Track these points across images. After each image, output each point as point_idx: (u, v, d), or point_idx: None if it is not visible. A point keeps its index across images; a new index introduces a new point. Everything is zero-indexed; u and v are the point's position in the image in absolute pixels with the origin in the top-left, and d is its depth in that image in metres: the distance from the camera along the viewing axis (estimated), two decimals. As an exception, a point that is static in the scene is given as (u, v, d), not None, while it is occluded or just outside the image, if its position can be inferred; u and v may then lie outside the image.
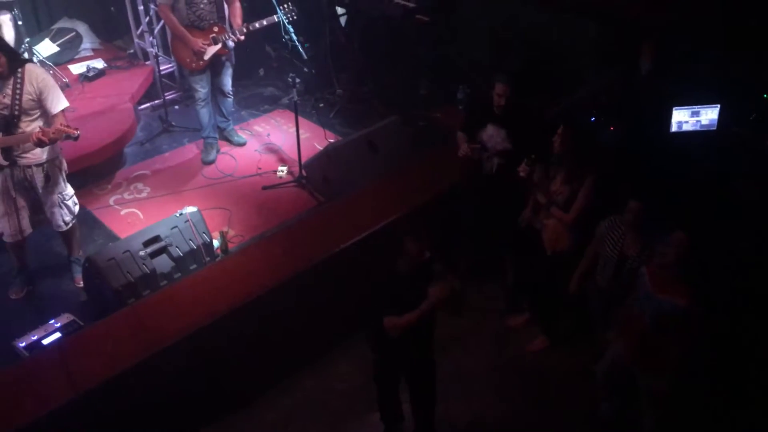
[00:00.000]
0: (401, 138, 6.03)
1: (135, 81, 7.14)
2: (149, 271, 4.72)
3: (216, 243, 5.22)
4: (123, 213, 5.88)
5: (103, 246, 5.30)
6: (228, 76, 6.40)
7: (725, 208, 4.64)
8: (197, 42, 5.93)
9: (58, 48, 7.27)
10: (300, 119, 6.06)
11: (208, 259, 5.05)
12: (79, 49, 7.52)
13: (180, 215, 5.00)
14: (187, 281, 4.63)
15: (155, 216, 5.53)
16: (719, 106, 4.95)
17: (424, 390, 4.09)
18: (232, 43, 6.09)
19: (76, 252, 5.16)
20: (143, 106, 7.32)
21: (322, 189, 5.94)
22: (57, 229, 4.91)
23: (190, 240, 4.95)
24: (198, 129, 6.62)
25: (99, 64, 7.26)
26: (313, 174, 6.02)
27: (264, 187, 6.11)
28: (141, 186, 6.21)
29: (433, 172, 5.49)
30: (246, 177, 6.30)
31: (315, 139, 6.78)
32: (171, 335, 4.07)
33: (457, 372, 4.76)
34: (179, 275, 4.88)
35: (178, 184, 6.22)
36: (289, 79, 5.86)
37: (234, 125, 6.88)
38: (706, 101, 4.96)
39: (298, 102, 5.96)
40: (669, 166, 4.83)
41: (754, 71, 5.10)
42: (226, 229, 5.49)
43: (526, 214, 4.86)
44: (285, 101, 7.46)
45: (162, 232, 4.88)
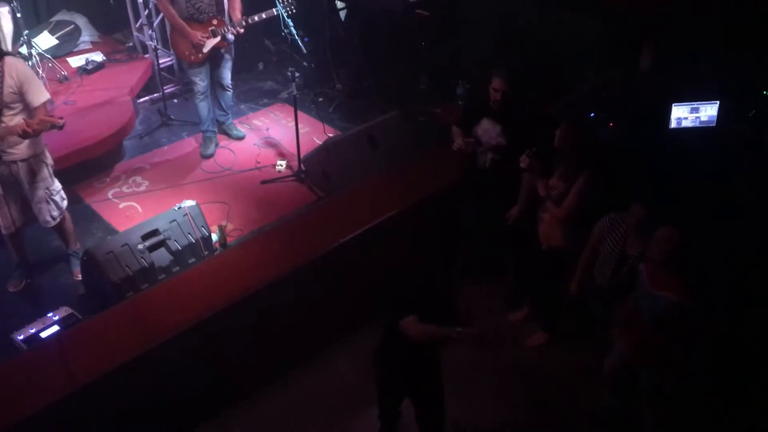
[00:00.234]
0: (401, 133, 6.02)
1: (134, 74, 7.12)
2: (148, 265, 4.72)
3: (214, 237, 5.22)
4: (121, 206, 5.87)
5: (102, 239, 5.30)
6: (227, 69, 6.39)
7: (725, 207, 4.63)
8: (196, 35, 5.92)
9: (56, 41, 7.24)
10: (299, 113, 6.05)
11: (206, 253, 5.05)
12: (78, 42, 7.50)
13: (179, 209, 5.00)
14: (186, 275, 4.62)
15: (154, 210, 5.52)
16: (718, 102, 4.95)
17: (430, 412, 3.94)
18: (231, 36, 6.07)
19: (73, 245, 5.15)
20: (142, 99, 7.31)
21: (321, 183, 5.94)
22: (44, 225, 4.86)
23: (188, 234, 4.95)
24: (197, 123, 6.61)
25: (98, 57, 7.24)
26: (312, 168, 6.02)
27: (263, 182, 6.11)
28: (140, 179, 6.20)
29: (433, 168, 5.49)
30: (245, 171, 6.29)
31: (314, 134, 6.78)
32: (170, 329, 4.06)
33: (455, 367, 4.76)
34: (178, 269, 4.88)
35: (176, 177, 6.21)
36: (289, 74, 5.85)
37: (233, 119, 6.87)
38: (705, 98, 4.96)
39: (297, 96, 5.95)
40: (668, 162, 4.84)
41: (753, 68, 5.10)
42: (224, 223, 5.49)
43: (513, 211, 4.87)
44: (284, 95, 7.45)
45: (160, 225, 4.88)
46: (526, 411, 4.53)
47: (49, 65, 6.83)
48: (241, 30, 6.00)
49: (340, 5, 7.53)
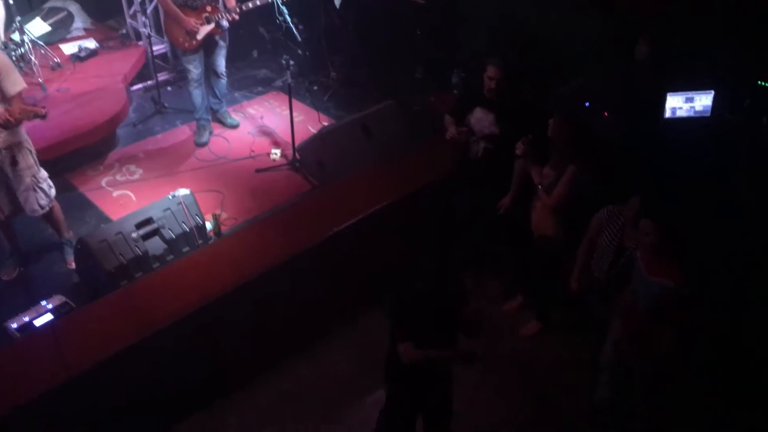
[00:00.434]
0: (396, 123, 6.00)
1: (127, 61, 7.07)
2: (141, 254, 4.71)
3: (209, 226, 5.21)
4: (115, 195, 5.85)
5: (95, 228, 5.28)
6: (222, 56, 6.35)
7: (724, 203, 4.61)
8: (190, 21, 5.88)
9: (49, 27, 7.17)
10: (294, 102, 6.02)
11: (200, 242, 5.04)
12: (71, 29, 7.43)
13: (173, 197, 4.98)
14: (180, 264, 4.62)
15: (147, 198, 5.50)
16: (713, 92, 4.94)
17: (437, 426, 3.87)
18: (226, 23, 6.03)
19: (65, 233, 5.13)
20: (135, 87, 7.26)
21: (315, 172, 5.92)
22: (32, 214, 4.81)
23: (182, 222, 4.94)
24: (191, 110, 6.58)
25: (91, 44, 7.18)
26: (307, 157, 6.00)
27: (257, 170, 6.09)
28: (133, 168, 6.17)
29: (428, 158, 5.48)
30: (239, 160, 6.27)
31: (309, 122, 6.76)
32: (164, 318, 4.06)
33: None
34: (172, 258, 4.88)
35: (170, 166, 6.19)
36: (283, 62, 5.82)
37: (227, 107, 6.84)
38: (700, 87, 4.96)
39: (291, 84, 5.93)
40: (663, 153, 4.83)
41: (748, 58, 5.09)
42: (218, 212, 5.48)
43: (505, 201, 4.87)
44: (278, 83, 7.42)
45: (154, 214, 4.86)
46: (520, 400, 4.54)
47: (42, 52, 6.77)
48: (236, 17, 5.96)
49: (335, -7, 7.49)
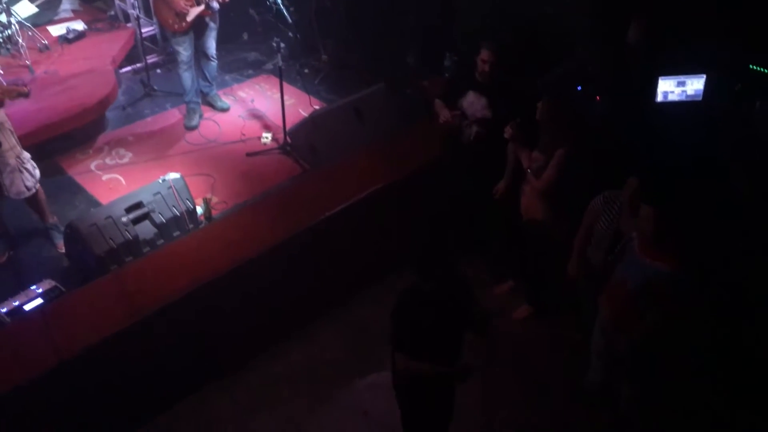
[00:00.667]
0: (387, 106, 5.98)
1: (116, 43, 7.00)
2: (132, 238, 4.69)
3: (199, 210, 5.19)
4: (104, 178, 5.81)
5: (85, 212, 5.24)
6: (212, 38, 6.29)
7: (716, 190, 4.60)
8: (180, 2, 5.81)
9: (36, 9, 7.07)
10: (284, 85, 5.98)
11: (191, 226, 5.02)
12: (59, 10, 7.35)
13: (163, 181, 4.96)
14: (171, 248, 4.60)
15: (137, 182, 5.46)
16: (705, 76, 4.94)
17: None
18: (216, 5, 5.96)
19: (48, 218, 5.08)
20: (124, 69, 7.20)
21: (307, 156, 5.90)
22: (18, 197, 4.76)
23: (173, 206, 4.92)
24: (180, 93, 6.52)
25: (79, 25, 7.10)
26: (298, 141, 5.97)
27: (248, 154, 6.06)
28: (123, 151, 6.13)
29: (420, 141, 5.46)
30: (230, 143, 6.23)
31: (300, 106, 6.72)
32: (154, 302, 4.05)
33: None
34: (162, 242, 4.86)
35: (160, 149, 6.14)
36: (274, 44, 5.78)
37: (217, 90, 6.79)
38: (692, 71, 4.95)
39: (282, 67, 5.88)
40: (655, 138, 4.83)
41: (740, 42, 5.09)
42: (209, 196, 5.45)
43: (500, 186, 4.86)
44: (269, 66, 7.36)
45: (144, 198, 4.84)
46: (511, 384, 4.56)
47: (29, 34, 6.69)
48: (227, -1, 5.91)
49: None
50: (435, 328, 3.30)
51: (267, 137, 6.25)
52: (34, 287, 4.46)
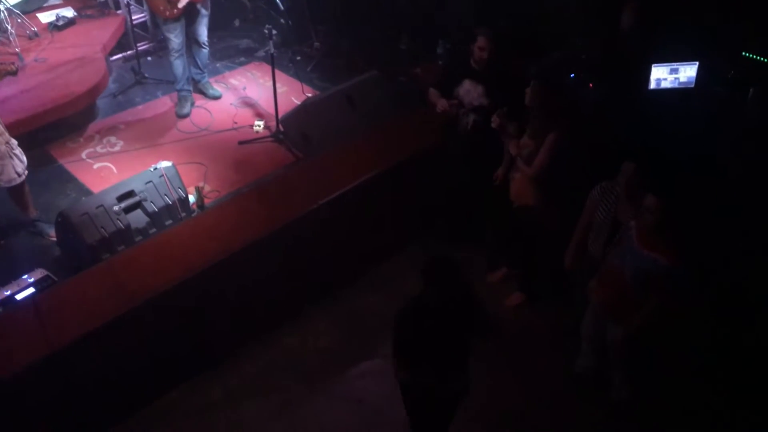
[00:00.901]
0: (380, 94, 5.96)
1: (106, 31, 6.93)
2: (124, 227, 4.67)
3: (192, 198, 5.17)
4: (96, 167, 5.77)
5: (76, 200, 5.21)
6: (203, 25, 6.24)
7: (711, 178, 4.60)
8: (171, -11, 5.77)
9: (25, -5, 7.02)
10: (277, 72, 5.95)
11: (183, 215, 5.00)
12: (48, -3, 7.28)
13: (154, 170, 4.94)
14: (163, 237, 4.58)
15: (129, 170, 5.43)
16: (698, 63, 4.94)
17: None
18: (207, -9, 5.92)
19: (32, 211, 5.02)
20: (115, 57, 7.14)
21: (299, 144, 5.87)
22: (9, 184, 4.70)
23: (165, 195, 4.89)
24: (172, 81, 6.48)
25: (69, 12, 7.03)
26: (291, 129, 5.94)
27: (240, 142, 6.03)
28: (114, 139, 6.09)
29: (413, 129, 5.44)
30: (222, 131, 6.20)
31: (292, 93, 6.68)
32: (147, 291, 4.04)
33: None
34: (154, 231, 4.84)
35: (152, 137, 6.10)
36: (266, 31, 5.72)
37: (209, 78, 6.74)
38: (685, 58, 4.95)
39: (274, 55, 5.84)
40: (647, 125, 4.83)
41: (733, 29, 5.08)
42: (201, 185, 5.43)
43: (500, 172, 4.86)
44: (261, 54, 7.31)
45: (136, 186, 4.81)
46: (503, 370, 4.58)
47: (18, 21, 6.61)
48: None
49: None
50: (438, 335, 3.27)
51: (259, 125, 6.22)
52: (25, 277, 4.44)
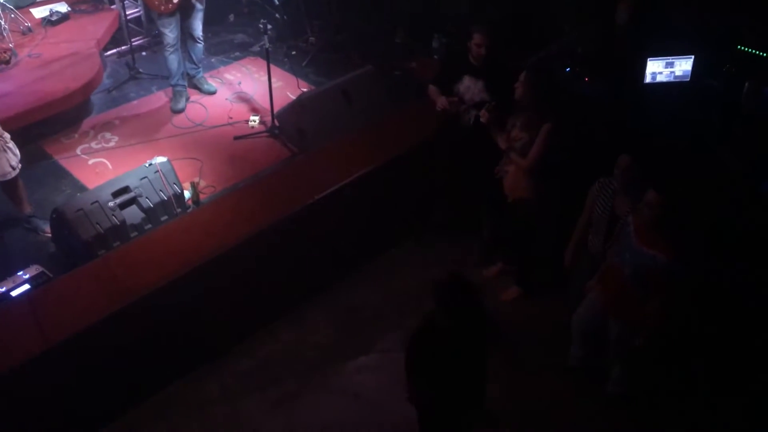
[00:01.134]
0: (376, 88, 5.94)
1: (100, 26, 6.89)
2: (119, 223, 4.66)
3: (187, 194, 5.16)
4: (91, 163, 5.75)
5: (71, 196, 5.20)
6: (198, 20, 6.21)
7: (708, 171, 4.61)
8: (166, -17, 5.74)
9: (18, -10, 6.98)
10: (272, 68, 5.93)
11: (179, 210, 4.99)
12: (41, -8, 7.23)
13: (150, 165, 4.92)
14: (159, 232, 4.58)
15: (124, 166, 5.42)
16: (693, 57, 4.95)
17: None
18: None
19: (26, 207, 5.00)
20: (109, 52, 7.11)
21: (295, 139, 5.86)
22: (4, 178, 4.67)
23: (160, 191, 4.88)
24: (166, 76, 6.45)
25: (62, 7, 6.99)
26: (286, 124, 5.93)
27: (236, 137, 6.01)
28: (109, 135, 6.06)
29: (409, 123, 5.44)
30: (217, 126, 6.18)
31: (288, 89, 6.66)
32: (143, 287, 4.04)
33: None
34: (150, 226, 4.83)
35: (147, 133, 6.08)
36: (261, 26, 5.70)
37: (203, 73, 6.72)
38: (680, 52, 4.96)
39: (269, 49, 5.82)
40: (643, 118, 4.84)
41: (728, 22, 5.09)
42: (197, 180, 5.42)
43: (502, 165, 4.86)
44: (256, 48, 7.29)
45: (131, 182, 4.80)
46: (496, 361, 4.58)
47: (12, 16, 6.58)
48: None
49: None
50: (451, 358, 3.24)
51: (255, 120, 6.21)
52: (20, 273, 4.42)
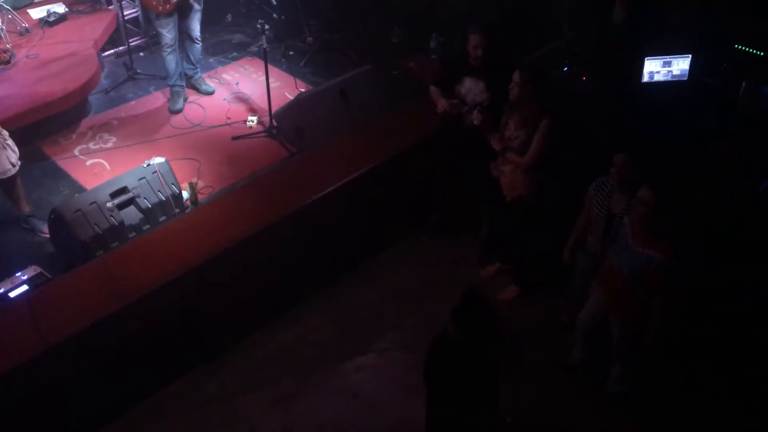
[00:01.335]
0: (374, 88, 5.95)
1: (98, 26, 6.89)
2: (117, 223, 4.66)
3: (185, 194, 5.16)
4: (89, 163, 5.75)
5: (69, 197, 5.19)
6: (196, 20, 6.21)
7: (700, 171, 4.61)
8: (164, -16, 5.74)
9: (15, -9, 6.98)
10: (270, 68, 5.93)
11: (177, 211, 4.99)
12: (38, -7, 7.23)
13: (147, 166, 4.92)
14: (157, 233, 4.58)
15: (122, 167, 5.41)
16: (690, 56, 4.95)
17: None
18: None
19: (24, 206, 5.00)
20: (107, 52, 7.10)
21: (293, 139, 5.87)
22: (4, 176, 4.68)
23: (158, 191, 4.88)
24: (164, 77, 6.45)
25: (60, 8, 6.99)
26: (284, 124, 5.93)
27: (233, 138, 6.01)
28: (107, 136, 6.06)
29: (407, 122, 5.43)
30: (215, 127, 6.18)
31: (285, 88, 6.66)
32: (141, 287, 4.04)
33: (430, 322, 4.81)
34: (148, 227, 4.83)
35: (144, 133, 6.08)
36: (258, 26, 5.71)
37: (201, 73, 6.72)
38: (677, 51, 4.96)
39: (267, 50, 5.82)
40: (641, 118, 4.84)
41: (725, 21, 5.10)
42: (195, 180, 5.42)
43: (497, 165, 4.86)
44: (254, 49, 7.28)
45: (129, 183, 4.80)
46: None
47: (9, 17, 6.58)
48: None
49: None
50: (465, 372, 3.27)
51: (253, 120, 6.21)
52: (19, 274, 4.42)
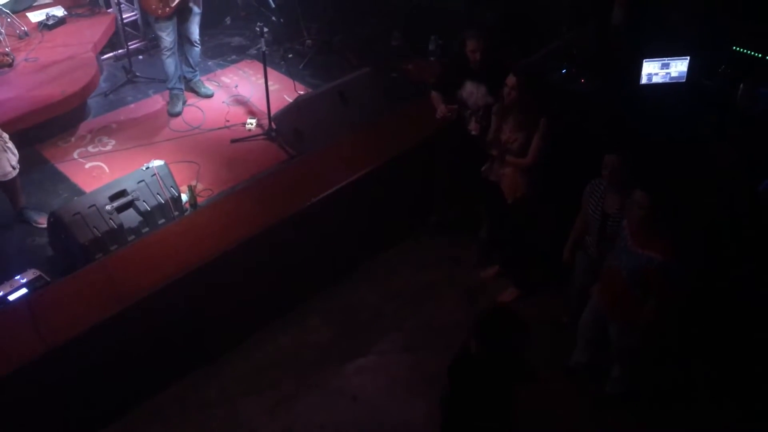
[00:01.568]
0: (373, 90, 5.95)
1: (97, 29, 6.91)
2: (116, 226, 4.65)
3: (184, 197, 5.16)
4: (88, 166, 5.75)
5: (68, 200, 5.19)
6: (195, 23, 6.22)
7: (699, 171, 4.61)
8: (163, -13, 5.75)
9: (14, -5, 6.99)
10: (269, 70, 5.94)
11: (176, 214, 4.99)
12: (38, -4, 7.24)
13: (147, 169, 4.92)
14: (156, 236, 4.57)
15: (121, 170, 5.41)
16: (689, 58, 4.95)
17: None
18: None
19: (22, 201, 5.02)
20: (106, 56, 7.11)
21: (292, 142, 5.87)
22: (5, 178, 4.69)
23: (157, 194, 4.88)
24: (163, 80, 6.46)
25: (59, 11, 7.00)
26: (283, 127, 5.94)
27: (233, 140, 6.02)
28: (106, 139, 6.07)
29: (406, 124, 5.44)
30: (214, 130, 6.19)
31: (284, 91, 6.67)
32: (140, 290, 4.03)
33: (429, 323, 4.82)
34: (147, 230, 4.83)
35: (143, 136, 6.09)
36: (257, 29, 5.71)
37: (200, 76, 6.72)
38: (676, 53, 4.96)
39: (266, 52, 5.83)
40: (639, 120, 4.85)
41: (723, 23, 5.10)
42: (194, 183, 5.42)
43: (495, 168, 4.87)
44: (253, 51, 7.30)
45: (128, 186, 4.80)
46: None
47: (8, 20, 6.59)
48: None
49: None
50: (482, 387, 3.27)
51: (252, 123, 6.21)
52: (17, 277, 4.41)
